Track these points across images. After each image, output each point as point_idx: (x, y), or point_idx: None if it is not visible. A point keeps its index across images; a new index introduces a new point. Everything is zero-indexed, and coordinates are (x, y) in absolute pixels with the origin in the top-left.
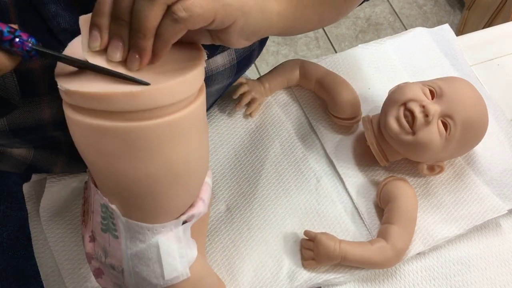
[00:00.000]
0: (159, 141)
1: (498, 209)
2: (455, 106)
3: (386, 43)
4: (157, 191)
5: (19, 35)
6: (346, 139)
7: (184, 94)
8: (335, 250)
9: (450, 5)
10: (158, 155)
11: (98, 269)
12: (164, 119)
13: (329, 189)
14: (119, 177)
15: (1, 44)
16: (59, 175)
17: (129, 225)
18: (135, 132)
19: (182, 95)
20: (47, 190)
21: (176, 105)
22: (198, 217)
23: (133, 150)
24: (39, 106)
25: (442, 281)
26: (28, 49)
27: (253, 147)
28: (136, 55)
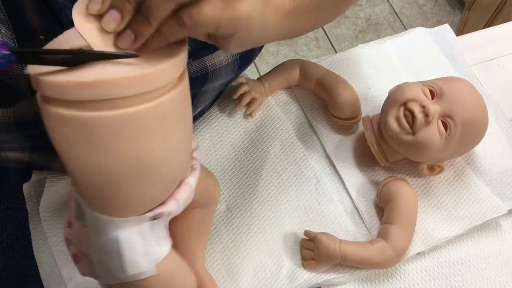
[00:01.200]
0: (114, 133)
1: (498, 209)
2: (455, 106)
3: (386, 43)
4: (115, 185)
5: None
6: (346, 139)
7: (143, 89)
8: (335, 250)
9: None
10: (115, 147)
11: (75, 255)
12: (120, 111)
13: (329, 189)
14: (78, 167)
15: None
16: (59, 174)
17: (92, 216)
18: (91, 122)
19: (139, 89)
20: (47, 190)
21: (135, 97)
22: (168, 216)
23: (89, 141)
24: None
25: (442, 281)
26: (8, 53)
27: (253, 147)
28: (132, 35)
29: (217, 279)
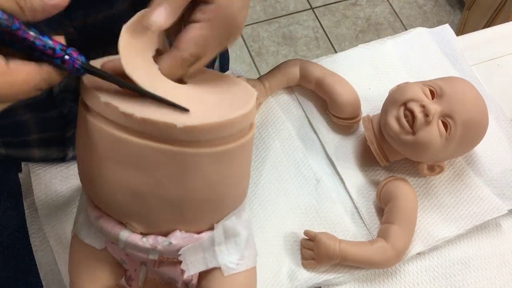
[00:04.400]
0: (200, 167)
1: (498, 209)
2: (455, 106)
3: (386, 43)
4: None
5: (70, 53)
6: (346, 139)
7: (234, 130)
8: (335, 250)
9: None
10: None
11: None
12: (215, 148)
13: (329, 189)
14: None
15: (53, 60)
16: (40, 164)
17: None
18: (180, 156)
19: (232, 130)
20: (37, 186)
21: (229, 137)
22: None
23: (175, 172)
24: None
25: (442, 281)
26: (78, 67)
27: (253, 146)
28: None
29: None
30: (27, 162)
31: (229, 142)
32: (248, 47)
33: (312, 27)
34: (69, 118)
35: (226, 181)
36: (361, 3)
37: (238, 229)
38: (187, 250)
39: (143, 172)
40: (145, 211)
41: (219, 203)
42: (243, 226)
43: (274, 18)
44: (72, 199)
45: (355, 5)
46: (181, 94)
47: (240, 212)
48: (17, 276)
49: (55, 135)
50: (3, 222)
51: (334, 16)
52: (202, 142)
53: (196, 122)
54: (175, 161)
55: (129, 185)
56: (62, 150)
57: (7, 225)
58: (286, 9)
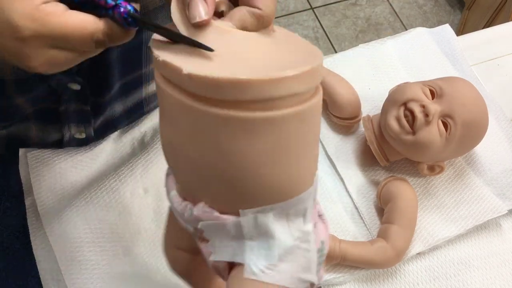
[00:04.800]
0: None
1: (498, 209)
2: (455, 106)
3: (387, 43)
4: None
5: (120, 3)
6: (346, 139)
7: (314, 82)
8: (335, 249)
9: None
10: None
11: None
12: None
13: (329, 189)
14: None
15: (107, 12)
16: (36, 150)
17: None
18: (209, 116)
19: (313, 83)
20: (35, 184)
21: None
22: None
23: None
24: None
25: (442, 281)
26: (126, 16)
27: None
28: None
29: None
30: (26, 148)
31: (278, 107)
32: None
33: (312, 27)
34: (58, 92)
35: (262, 158)
36: (361, 3)
37: (272, 230)
38: (208, 227)
39: (174, 126)
40: (177, 169)
41: (250, 183)
42: (287, 231)
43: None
44: (72, 197)
45: (355, 5)
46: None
47: (292, 213)
48: (17, 276)
49: (49, 107)
50: (3, 222)
51: (334, 16)
52: (244, 103)
53: (244, 76)
54: (200, 119)
55: (166, 136)
56: (59, 129)
57: (8, 225)
58: (286, 9)
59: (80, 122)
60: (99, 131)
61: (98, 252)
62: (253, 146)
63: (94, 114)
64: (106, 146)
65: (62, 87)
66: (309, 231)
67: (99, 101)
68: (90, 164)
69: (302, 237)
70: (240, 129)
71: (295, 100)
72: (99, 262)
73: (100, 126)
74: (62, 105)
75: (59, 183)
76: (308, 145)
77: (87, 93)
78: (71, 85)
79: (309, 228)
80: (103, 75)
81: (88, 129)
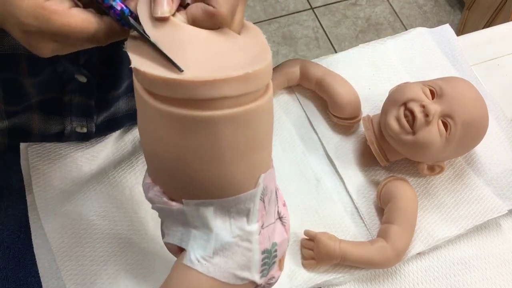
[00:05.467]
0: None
1: (498, 209)
2: (455, 106)
3: (387, 43)
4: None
5: (115, 3)
6: (347, 139)
7: (250, 88)
8: (335, 249)
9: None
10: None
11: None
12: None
13: (329, 189)
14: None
15: (106, 10)
16: (37, 145)
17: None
18: (146, 106)
19: (263, 82)
20: (35, 180)
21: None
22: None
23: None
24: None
25: (442, 281)
26: (118, 17)
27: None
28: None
29: None
30: (27, 144)
31: (209, 108)
32: None
33: (312, 27)
34: (64, 78)
35: (195, 155)
36: (361, 3)
37: (212, 223)
38: (160, 210)
39: (139, 116)
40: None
41: (187, 176)
42: (227, 228)
43: (274, 18)
44: (71, 193)
45: (355, 5)
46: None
47: (234, 211)
48: (17, 276)
49: (54, 97)
50: (4, 221)
51: (334, 16)
52: (176, 100)
53: (189, 76)
54: (147, 111)
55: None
56: (61, 121)
57: (8, 224)
58: (286, 9)
59: (82, 116)
60: (101, 128)
61: (96, 248)
62: (186, 141)
63: (98, 109)
64: (108, 144)
65: (68, 75)
66: (252, 231)
67: (105, 97)
68: (91, 161)
69: (243, 235)
70: (175, 124)
71: (227, 103)
72: (97, 259)
73: (103, 122)
74: (66, 95)
75: (59, 178)
76: (246, 149)
77: (93, 87)
78: (78, 76)
79: (252, 229)
80: (113, 71)
81: (90, 124)
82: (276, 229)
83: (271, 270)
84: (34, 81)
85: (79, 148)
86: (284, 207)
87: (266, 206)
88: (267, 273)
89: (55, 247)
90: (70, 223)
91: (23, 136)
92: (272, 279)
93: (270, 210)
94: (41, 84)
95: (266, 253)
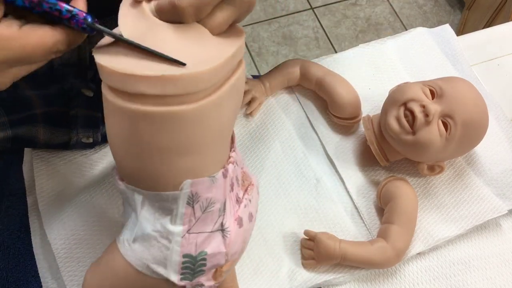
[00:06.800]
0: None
1: (498, 209)
2: (455, 106)
3: (387, 43)
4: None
5: (76, 14)
6: (347, 139)
7: (213, 81)
8: (335, 249)
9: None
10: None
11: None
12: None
13: (329, 189)
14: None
15: (62, 21)
16: (42, 152)
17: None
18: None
19: (211, 81)
20: (38, 182)
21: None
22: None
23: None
24: None
25: (443, 281)
26: (84, 26)
27: (253, 146)
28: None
29: None
30: (31, 148)
31: (132, 102)
32: (248, 47)
33: (312, 27)
34: (70, 95)
35: (124, 145)
36: (361, 3)
37: (139, 211)
38: (117, 188)
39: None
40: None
41: (120, 162)
42: (150, 221)
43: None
44: (73, 196)
45: (355, 5)
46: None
47: (159, 207)
48: (17, 276)
49: (59, 111)
50: (4, 221)
51: (334, 16)
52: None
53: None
54: (105, 104)
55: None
56: (66, 132)
57: (9, 224)
58: (286, 9)
59: (89, 127)
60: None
61: (96, 249)
62: (119, 130)
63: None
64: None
65: (75, 91)
66: (174, 231)
67: None
68: (93, 166)
69: (163, 233)
70: (114, 113)
71: (146, 100)
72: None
73: None
74: (73, 109)
75: (62, 182)
76: (165, 150)
77: (100, 100)
78: (85, 91)
79: (174, 230)
80: None
81: (96, 135)
82: (211, 240)
83: (199, 277)
84: (38, 94)
85: (84, 154)
86: (251, 223)
87: (196, 212)
88: (192, 278)
89: (55, 249)
90: (71, 224)
91: (27, 145)
92: (201, 286)
93: (206, 219)
94: (46, 97)
95: (188, 258)
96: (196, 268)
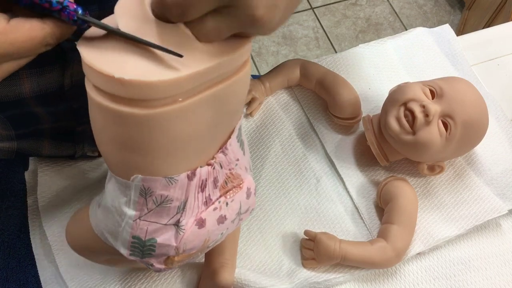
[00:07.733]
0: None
1: (498, 209)
2: (455, 106)
3: (387, 43)
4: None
5: (66, 5)
6: (347, 139)
7: (172, 93)
8: (335, 249)
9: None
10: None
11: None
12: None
13: (329, 189)
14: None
15: (52, 13)
16: (48, 162)
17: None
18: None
19: (171, 93)
20: (41, 182)
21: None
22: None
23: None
24: (18, 79)
25: (443, 281)
26: (75, 19)
27: (253, 146)
28: None
29: None
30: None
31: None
32: None
33: (312, 27)
34: (79, 113)
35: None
36: (361, 3)
37: (107, 184)
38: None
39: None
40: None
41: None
42: (111, 196)
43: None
44: (74, 199)
45: (355, 5)
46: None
47: (119, 189)
48: (17, 276)
49: (66, 126)
50: (4, 221)
51: (334, 16)
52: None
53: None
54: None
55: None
56: (72, 146)
57: (9, 224)
58: None
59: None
60: None
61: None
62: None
63: None
64: None
65: (84, 110)
66: (127, 214)
67: None
68: (95, 170)
69: (118, 211)
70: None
71: (102, 93)
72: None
73: None
74: (80, 125)
75: (63, 184)
76: (115, 143)
77: None
78: None
79: (126, 211)
80: None
81: None
82: (164, 232)
83: (149, 258)
84: (47, 111)
85: (88, 161)
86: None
87: (148, 204)
88: (141, 256)
89: (55, 249)
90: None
91: (31, 156)
92: (151, 266)
93: (161, 212)
94: (54, 114)
95: (137, 240)
96: (145, 251)
